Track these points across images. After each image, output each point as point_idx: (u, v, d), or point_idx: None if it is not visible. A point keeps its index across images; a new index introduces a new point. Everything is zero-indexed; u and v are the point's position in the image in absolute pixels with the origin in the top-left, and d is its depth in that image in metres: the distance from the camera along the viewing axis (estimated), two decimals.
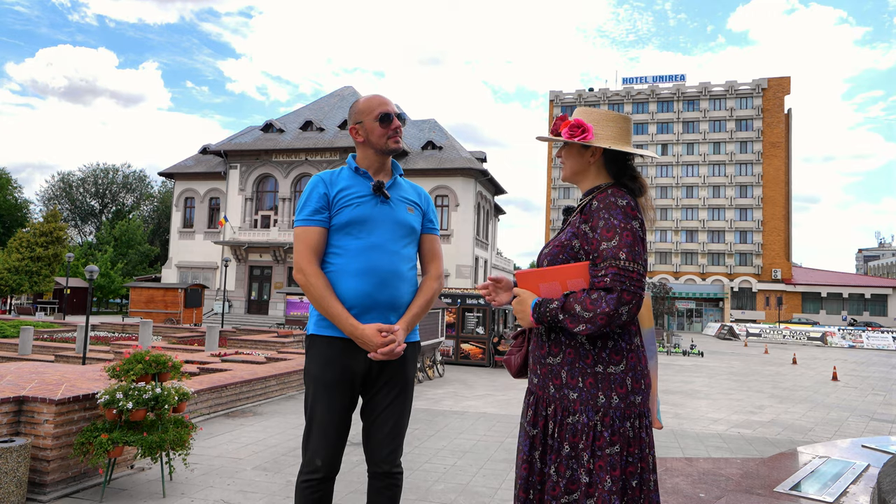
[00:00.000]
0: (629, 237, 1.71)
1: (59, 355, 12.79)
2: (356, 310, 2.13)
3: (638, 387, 1.74)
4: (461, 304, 16.40)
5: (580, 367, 1.74)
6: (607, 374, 1.72)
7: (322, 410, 2.15)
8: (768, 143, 59.52)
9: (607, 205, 1.76)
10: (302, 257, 2.15)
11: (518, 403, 9.29)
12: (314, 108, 41.10)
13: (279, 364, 9.61)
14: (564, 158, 1.95)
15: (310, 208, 2.18)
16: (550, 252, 1.87)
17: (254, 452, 5.46)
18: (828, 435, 7.86)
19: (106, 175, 61.85)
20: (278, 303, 35.28)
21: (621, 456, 1.67)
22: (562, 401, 1.75)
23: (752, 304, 56.89)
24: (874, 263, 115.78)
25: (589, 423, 1.69)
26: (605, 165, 1.90)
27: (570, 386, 1.74)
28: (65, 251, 38.33)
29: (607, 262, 1.70)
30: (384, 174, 2.31)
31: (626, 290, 1.67)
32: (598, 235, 1.74)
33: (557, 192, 67.15)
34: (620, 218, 1.73)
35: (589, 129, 1.84)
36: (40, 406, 4.06)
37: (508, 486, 4.70)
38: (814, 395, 12.05)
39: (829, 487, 3.09)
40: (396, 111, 2.27)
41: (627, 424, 1.69)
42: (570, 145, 1.91)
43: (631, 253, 1.70)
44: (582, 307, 1.70)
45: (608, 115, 1.89)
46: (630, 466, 1.68)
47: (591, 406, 1.70)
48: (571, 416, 1.72)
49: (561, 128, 1.89)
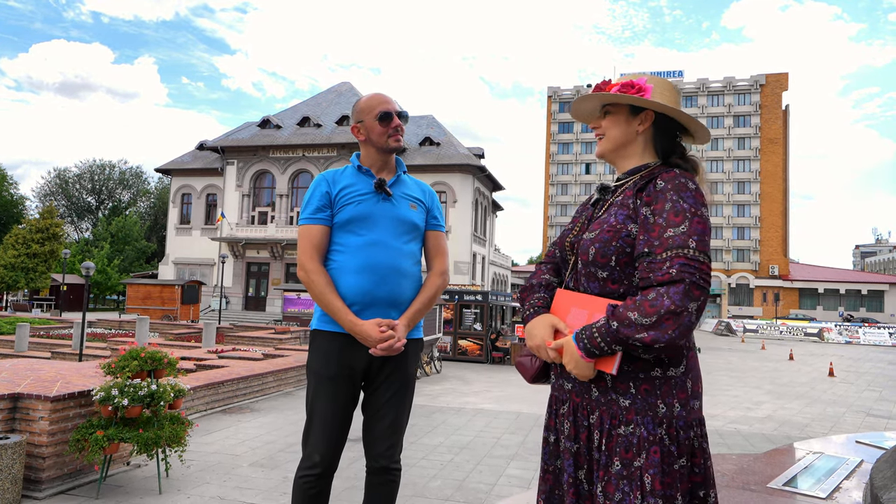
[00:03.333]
0: (700, 225, 1.45)
1: (55, 352, 12.76)
2: (357, 306, 2.14)
3: (697, 389, 1.51)
4: (459, 300, 16.41)
5: (631, 371, 1.47)
6: (667, 378, 1.46)
7: (323, 405, 2.16)
8: (766, 139, 59.60)
9: (677, 186, 1.49)
10: (304, 254, 2.18)
11: (515, 399, 9.30)
12: (311, 104, 40.99)
13: (276, 361, 9.61)
14: (606, 128, 1.66)
15: (312, 207, 2.22)
16: (599, 237, 1.54)
17: (251, 449, 5.46)
18: (824, 431, 7.89)
19: (102, 171, 61.69)
20: (276, 299, 35.23)
21: (689, 468, 1.45)
22: (609, 407, 1.49)
23: (749, 300, 57.04)
24: (871, 260, 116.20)
25: (650, 438, 1.43)
26: (654, 140, 1.63)
27: (620, 391, 1.47)
28: (61, 247, 38.23)
29: (673, 252, 1.42)
30: (387, 172, 2.34)
31: (695, 283, 1.39)
32: (662, 220, 1.46)
33: (555, 189, 67.17)
34: (692, 202, 1.47)
35: (646, 89, 1.57)
36: (35, 403, 4.05)
37: (505, 482, 4.71)
38: (810, 391, 12.09)
39: (823, 483, 3.11)
40: (398, 109, 2.29)
41: (691, 433, 1.46)
42: (615, 113, 1.63)
43: (702, 242, 1.44)
44: (640, 313, 1.39)
45: (661, 80, 1.63)
46: (696, 477, 1.47)
47: (650, 417, 1.44)
48: (624, 427, 1.46)
49: (608, 88, 1.63)
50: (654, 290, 1.40)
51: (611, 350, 1.43)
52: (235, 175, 38.02)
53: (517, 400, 9.26)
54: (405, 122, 2.31)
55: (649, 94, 1.57)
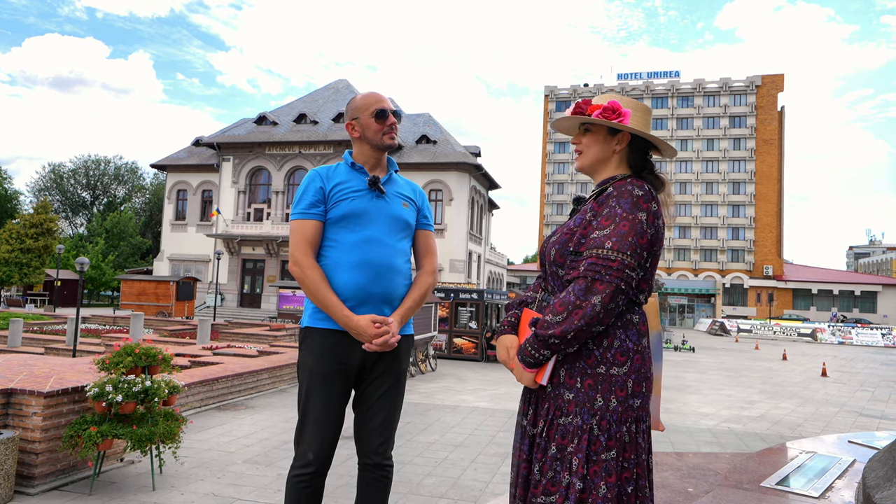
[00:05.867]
0: (626, 227, 1.59)
1: (49, 348, 12.70)
2: (351, 302, 2.15)
3: (639, 390, 1.64)
4: (454, 298, 16.41)
5: (580, 367, 1.64)
6: (609, 375, 1.62)
7: (316, 403, 2.15)
8: (762, 140, 59.76)
9: (620, 192, 1.65)
10: (298, 249, 2.17)
11: (510, 398, 9.32)
12: (308, 101, 40.89)
13: (271, 357, 9.60)
14: (586, 145, 1.82)
15: (306, 202, 2.21)
16: (559, 240, 1.74)
17: (245, 446, 5.45)
18: (816, 430, 7.94)
19: (97, 166, 61.36)
20: (271, 296, 35.17)
21: (617, 461, 1.59)
22: (556, 400, 1.66)
23: (743, 300, 57.25)
24: (864, 261, 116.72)
25: (584, 427, 1.60)
26: (628, 157, 1.79)
27: (567, 386, 1.65)
28: (55, 243, 38.05)
29: (590, 252, 1.60)
30: (380, 170, 2.34)
31: (599, 280, 1.55)
32: (595, 223, 1.64)
33: (551, 188, 67.21)
34: (626, 207, 1.62)
35: (625, 114, 1.72)
36: (28, 399, 4.04)
37: (500, 480, 4.72)
38: (803, 390, 12.15)
39: (816, 482, 3.12)
40: (392, 108, 2.29)
41: (623, 429, 1.61)
42: (595, 131, 1.79)
43: (619, 242, 1.58)
44: (553, 313, 1.59)
45: (636, 103, 1.78)
46: (626, 472, 1.60)
47: (587, 409, 1.61)
48: (564, 417, 1.64)
49: (588, 111, 1.76)
50: (565, 289, 1.62)
51: (541, 356, 1.63)
52: (231, 171, 37.90)
53: (512, 398, 9.28)
54: (399, 121, 2.33)
55: (628, 119, 1.73)
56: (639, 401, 1.64)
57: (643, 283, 1.69)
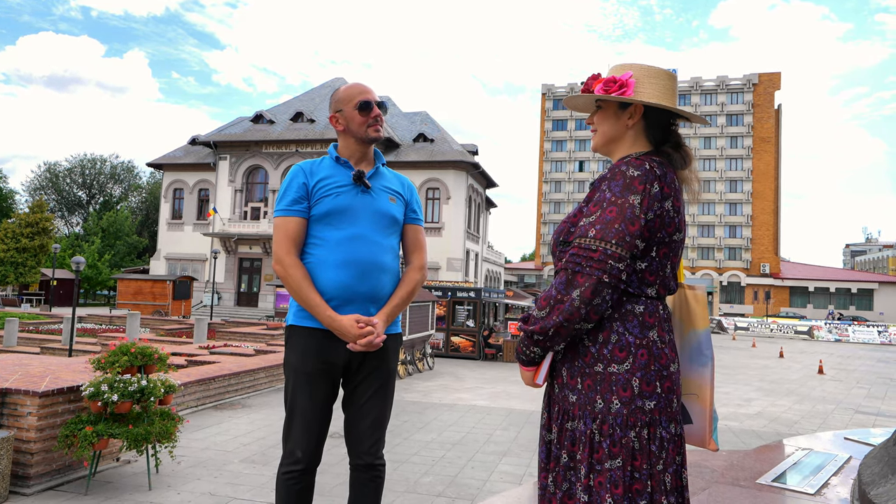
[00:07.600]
0: (612, 213, 1.43)
1: (44, 347, 12.66)
2: (336, 301, 2.10)
3: (650, 389, 1.44)
4: (451, 296, 16.41)
5: (579, 366, 1.49)
6: (608, 374, 1.45)
7: (302, 401, 2.14)
8: (759, 138, 59.92)
9: (613, 174, 1.50)
10: (280, 248, 2.13)
11: (508, 396, 9.33)
12: (305, 100, 40.80)
13: (268, 356, 9.58)
14: (597, 124, 1.65)
15: (289, 198, 2.16)
16: (558, 230, 1.67)
17: (242, 445, 5.44)
18: (813, 427, 7.96)
19: (93, 165, 61.17)
20: (268, 295, 35.11)
21: (624, 471, 1.40)
22: (562, 402, 1.52)
23: (740, 297, 57.42)
24: (861, 258, 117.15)
25: (586, 432, 1.45)
26: (646, 131, 1.59)
27: (570, 387, 1.51)
28: (51, 242, 37.90)
29: (575, 241, 1.47)
30: (366, 163, 2.28)
31: (580, 272, 1.41)
32: (586, 209, 1.51)
33: (548, 186, 67.27)
34: (617, 191, 1.45)
35: (629, 84, 1.54)
36: (23, 398, 4.02)
37: (497, 479, 4.72)
38: (800, 388, 12.19)
39: (812, 479, 3.13)
40: (377, 99, 2.25)
41: (632, 434, 1.41)
42: (605, 108, 1.62)
43: (603, 230, 1.42)
44: (538, 308, 1.48)
45: (650, 69, 1.58)
46: (636, 483, 1.40)
47: (588, 412, 1.45)
48: (570, 422, 1.49)
49: (594, 85, 1.60)
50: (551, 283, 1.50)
51: (532, 353, 1.52)
52: (228, 170, 37.81)
53: (509, 397, 9.29)
54: (385, 112, 2.27)
55: (632, 90, 1.55)
56: (652, 402, 1.43)
57: (648, 273, 1.49)
